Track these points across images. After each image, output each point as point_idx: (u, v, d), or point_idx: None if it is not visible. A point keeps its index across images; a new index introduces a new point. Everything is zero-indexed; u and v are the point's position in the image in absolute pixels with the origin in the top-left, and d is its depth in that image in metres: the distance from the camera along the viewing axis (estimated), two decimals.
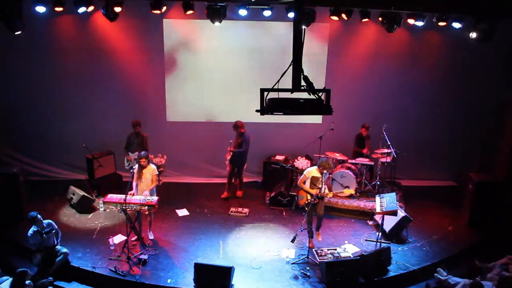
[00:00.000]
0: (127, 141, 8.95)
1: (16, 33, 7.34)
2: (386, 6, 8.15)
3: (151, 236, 7.64)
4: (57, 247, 6.77)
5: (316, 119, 9.92)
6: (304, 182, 7.36)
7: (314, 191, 7.19)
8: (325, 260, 6.80)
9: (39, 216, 6.56)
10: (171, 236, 7.83)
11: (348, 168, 8.90)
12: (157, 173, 7.48)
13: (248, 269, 6.91)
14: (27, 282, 5.92)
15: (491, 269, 6.80)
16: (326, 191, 7.39)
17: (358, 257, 6.73)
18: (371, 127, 9.34)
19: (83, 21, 8.96)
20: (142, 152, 7.32)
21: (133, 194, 7.18)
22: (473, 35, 8.16)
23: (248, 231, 8.11)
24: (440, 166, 10.41)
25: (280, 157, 9.95)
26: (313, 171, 7.34)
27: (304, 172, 7.44)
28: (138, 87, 9.69)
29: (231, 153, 8.95)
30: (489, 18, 7.80)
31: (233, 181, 9.46)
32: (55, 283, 6.46)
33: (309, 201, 7.25)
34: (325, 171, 7.25)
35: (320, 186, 7.21)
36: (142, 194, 7.20)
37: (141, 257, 6.98)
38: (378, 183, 9.09)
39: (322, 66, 9.73)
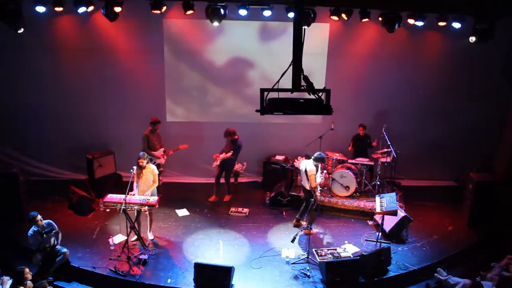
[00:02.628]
0: (148, 142, 8.64)
1: (19, 31, 7.35)
2: (386, 6, 8.15)
3: (151, 236, 7.65)
4: (57, 247, 6.77)
5: (316, 119, 9.92)
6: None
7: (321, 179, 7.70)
8: (325, 260, 6.80)
9: (39, 216, 6.56)
10: (171, 236, 7.84)
11: (348, 168, 8.90)
12: (157, 172, 7.48)
13: (248, 269, 6.91)
14: (27, 282, 5.93)
15: (491, 269, 6.80)
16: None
17: (358, 257, 6.73)
18: (371, 127, 9.34)
19: (83, 21, 8.96)
20: (141, 153, 7.31)
21: (134, 194, 7.19)
22: (473, 39, 8.18)
23: (248, 231, 8.11)
24: (440, 166, 10.42)
25: (280, 157, 9.95)
26: (313, 165, 7.63)
27: (312, 171, 7.54)
28: (138, 87, 9.68)
29: (220, 159, 8.93)
30: (489, 18, 7.80)
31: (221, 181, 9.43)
32: (55, 283, 6.46)
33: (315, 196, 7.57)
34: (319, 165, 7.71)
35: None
36: (143, 194, 7.20)
37: (141, 257, 6.98)
38: (378, 183, 9.09)
39: (322, 66, 9.73)
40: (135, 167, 7.25)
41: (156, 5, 8.05)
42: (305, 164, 7.72)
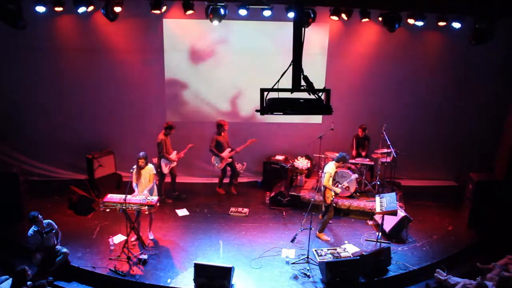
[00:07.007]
0: (165, 147, 8.62)
1: (20, 30, 7.36)
2: (386, 6, 8.15)
3: (151, 236, 7.65)
4: (57, 247, 6.77)
5: (316, 119, 9.92)
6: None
7: (339, 190, 7.59)
8: (325, 260, 6.79)
9: (39, 216, 6.56)
10: (171, 236, 7.84)
11: (348, 168, 8.89)
12: (155, 172, 7.48)
13: (248, 269, 6.91)
14: (28, 283, 5.92)
15: (491, 269, 6.80)
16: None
17: (358, 257, 6.73)
18: (371, 127, 9.34)
19: (83, 21, 8.96)
20: (141, 153, 7.31)
21: (137, 195, 7.20)
22: (473, 42, 8.21)
23: (248, 231, 8.11)
24: (440, 166, 10.41)
25: (280, 157, 9.95)
26: (333, 167, 7.52)
27: (329, 170, 7.48)
28: (138, 87, 9.69)
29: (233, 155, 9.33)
30: (489, 18, 7.80)
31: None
32: (55, 283, 6.46)
33: (333, 197, 7.54)
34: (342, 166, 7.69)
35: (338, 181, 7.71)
36: (142, 194, 7.20)
37: (141, 257, 6.99)
38: (378, 183, 9.09)
39: (322, 66, 9.73)
40: (134, 167, 7.26)
41: (156, 5, 8.05)
42: (327, 165, 7.70)
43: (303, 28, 4.59)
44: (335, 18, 8.53)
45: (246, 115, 10.05)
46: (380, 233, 7.49)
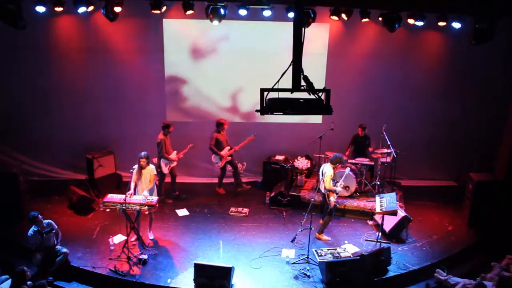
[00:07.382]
0: (165, 147, 8.60)
1: (20, 30, 7.35)
2: (386, 6, 8.15)
3: (151, 236, 7.65)
4: (57, 247, 6.77)
5: (316, 119, 9.92)
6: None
7: (339, 189, 7.55)
8: (325, 260, 6.79)
9: (39, 216, 6.57)
10: (171, 236, 7.84)
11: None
12: (155, 173, 7.48)
13: (248, 269, 6.91)
14: (28, 283, 5.92)
15: (491, 269, 6.80)
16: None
17: (358, 257, 6.73)
18: (371, 127, 9.34)
19: (83, 21, 8.96)
20: (143, 153, 7.30)
21: (131, 195, 7.17)
22: (473, 42, 8.19)
23: (248, 231, 8.11)
24: (440, 166, 10.41)
25: (280, 157, 9.95)
26: (331, 169, 7.43)
27: (330, 173, 7.39)
28: (138, 87, 9.69)
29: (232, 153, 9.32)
30: (489, 18, 7.80)
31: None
32: (55, 283, 6.46)
33: (335, 199, 7.45)
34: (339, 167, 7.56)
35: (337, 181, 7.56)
36: (141, 194, 7.20)
37: (141, 257, 6.99)
38: (378, 183, 9.09)
39: (322, 66, 9.73)
40: (135, 167, 7.26)
41: (156, 5, 8.04)
42: (325, 167, 7.62)
43: (303, 28, 4.59)
44: (335, 18, 8.53)
45: (246, 115, 10.05)
46: (380, 233, 7.49)
